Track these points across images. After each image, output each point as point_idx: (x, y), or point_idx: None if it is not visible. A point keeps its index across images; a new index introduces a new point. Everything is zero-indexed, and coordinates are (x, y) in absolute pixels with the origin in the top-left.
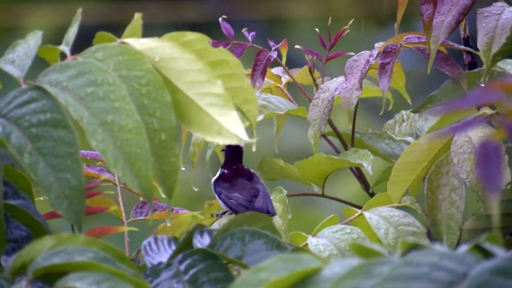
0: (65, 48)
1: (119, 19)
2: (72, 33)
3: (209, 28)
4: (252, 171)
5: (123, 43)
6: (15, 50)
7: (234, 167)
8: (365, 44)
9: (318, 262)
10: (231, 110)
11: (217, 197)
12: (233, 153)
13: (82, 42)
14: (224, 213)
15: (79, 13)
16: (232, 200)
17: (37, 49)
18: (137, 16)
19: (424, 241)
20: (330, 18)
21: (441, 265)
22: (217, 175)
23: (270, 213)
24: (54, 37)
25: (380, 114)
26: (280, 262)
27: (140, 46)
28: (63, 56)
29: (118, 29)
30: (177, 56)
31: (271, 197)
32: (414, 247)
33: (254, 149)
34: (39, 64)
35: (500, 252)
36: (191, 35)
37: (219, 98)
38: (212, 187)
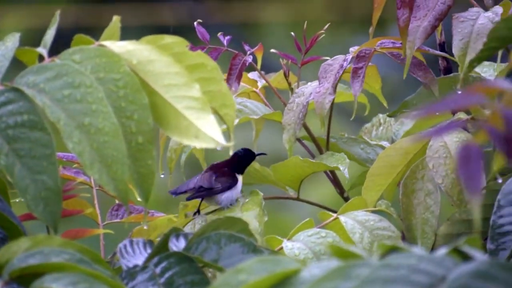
0: (42, 50)
1: (93, 22)
2: (50, 35)
3: (183, 32)
4: (234, 178)
5: (101, 45)
6: None
7: (228, 165)
8: (339, 49)
9: (296, 264)
10: (208, 114)
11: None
12: (243, 160)
13: (56, 45)
14: (198, 212)
15: (57, 16)
16: (186, 185)
17: (14, 51)
18: (115, 19)
19: (401, 245)
20: (306, 22)
21: (419, 267)
22: (219, 162)
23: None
24: (28, 39)
25: (351, 119)
26: (259, 264)
27: (118, 49)
28: (41, 58)
29: (92, 32)
30: (155, 59)
31: (247, 200)
32: (392, 249)
33: (231, 152)
34: (18, 66)
35: (479, 255)
36: (169, 38)
37: (197, 102)
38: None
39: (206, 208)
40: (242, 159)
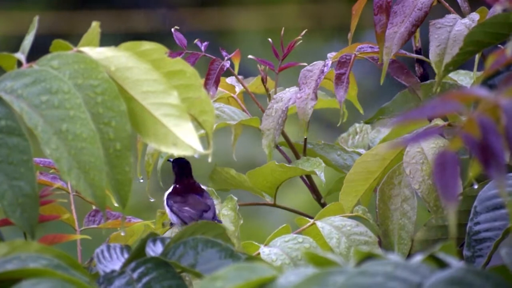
0: (20, 56)
1: (68, 28)
2: (28, 41)
3: (157, 38)
4: (203, 187)
5: (79, 51)
6: None
7: (186, 182)
8: (312, 56)
9: (273, 271)
10: (186, 121)
11: (168, 209)
12: (181, 168)
13: (31, 51)
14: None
15: (36, 21)
16: (183, 213)
17: None
18: (95, 24)
19: (378, 250)
20: (283, 28)
21: (395, 275)
22: (170, 189)
23: (216, 220)
24: (4, 45)
25: (338, 125)
26: (235, 271)
27: (97, 55)
28: (19, 64)
29: (67, 39)
30: (133, 65)
31: (223, 205)
32: (368, 256)
33: (210, 159)
34: None
35: (454, 262)
36: (147, 45)
37: (175, 109)
38: (164, 201)
39: None
40: (183, 166)
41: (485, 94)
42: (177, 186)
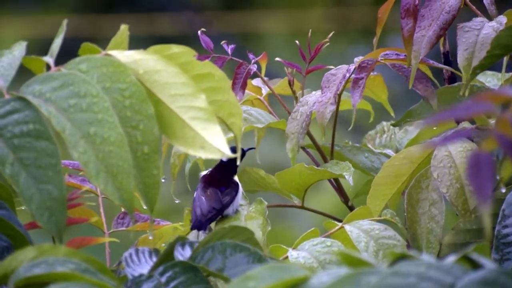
0: (49, 59)
1: (94, 32)
2: (56, 44)
3: (183, 42)
4: (233, 183)
5: (108, 55)
6: (0, 60)
7: (220, 172)
8: (337, 59)
9: (305, 272)
10: (214, 124)
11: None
12: (232, 161)
13: (56, 55)
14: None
15: (64, 25)
16: (195, 203)
17: (21, 59)
18: (123, 28)
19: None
20: (310, 30)
21: (428, 275)
22: (207, 171)
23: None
24: (29, 48)
25: (349, 128)
26: (267, 271)
27: (125, 58)
28: (48, 67)
29: (92, 42)
30: (161, 69)
31: (251, 208)
32: (401, 257)
33: (238, 162)
34: (25, 74)
35: (487, 263)
36: (176, 48)
37: (203, 112)
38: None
39: None
40: (230, 161)
41: None
42: (213, 170)
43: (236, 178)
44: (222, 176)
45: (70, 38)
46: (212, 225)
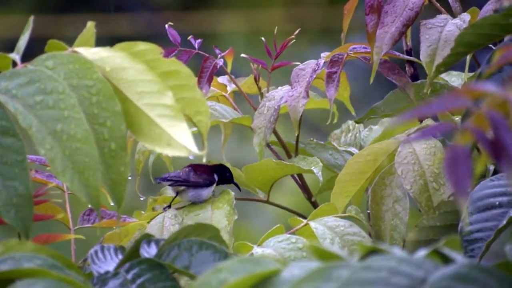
0: (15, 56)
1: (52, 31)
2: (23, 41)
3: (142, 41)
4: (212, 178)
5: (74, 52)
6: None
7: (203, 166)
8: (296, 59)
9: (277, 265)
10: (181, 122)
11: (174, 176)
12: (224, 174)
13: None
14: (169, 206)
15: (31, 22)
16: (175, 174)
17: None
18: (90, 25)
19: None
20: (276, 28)
21: (400, 270)
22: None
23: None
24: None
25: (327, 123)
26: (239, 264)
27: (91, 56)
28: (14, 64)
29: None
30: (128, 66)
31: (218, 198)
32: (372, 251)
33: (204, 160)
34: None
35: (459, 258)
36: (142, 45)
37: (170, 109)
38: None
39: (176, 203)
40: (224, 173)
41: (494, 90)
42: (194, 164)
43: (215, 179)
44: (207, 169)
45: (29, 38)
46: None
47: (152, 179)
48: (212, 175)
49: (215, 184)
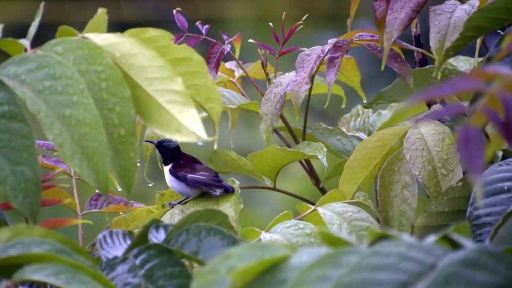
0: (25, 41)
1: (59, 18)
2: (34, 27)
3: (150, 27)
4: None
5: (84, 38)
6: None
7: (184, 157)
8: (302, 45)
9: (286, 251)
10: (190, 108)
11: (177, 182)
12: (167, 151)
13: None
14: (179, 202)
15: (41, 8)
16: (202, 177)
17: None
18: (101, 11)
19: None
20: (284, 13)
21: (409, 255)
22: (170, 166)
23: (230, 190)
24: None
25: (324, 106)
26: (248, 250)
27: (101, 41)
28: (25, 50)
29: (56, 28)
30: (138, 52)
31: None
32: (382, 237)
33: (215, 146)
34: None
35: (468, 243)
36: (153, 32)
37: (179, 95)
38: (170, 175)
39: (179, 197)
40: (174, 150)
41: (506, 72)
42: (180, 161)
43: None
44: (190, 159)
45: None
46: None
47: (160, 165)
48: (203, 164)
49: None
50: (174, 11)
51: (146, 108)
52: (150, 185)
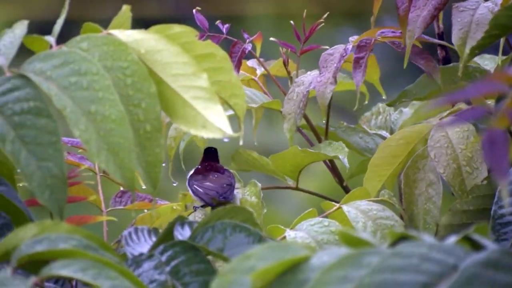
0: (50, 38)
1: (80, 14)
2: (59, 24)
3: (170, 23)
4: (225, 168)
5: (109, 34)
6: (2, 39)
7: (207, 164)
8: (322, 42)
9: (306, 251)
10: (216, 104)
11: (189, 190)
12: (209, 154)
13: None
14: (202, 206)
15: (67, 5)
16: (202, 190)
17: (22, 38)
18: (125, 8)
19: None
20: (305, 11)
21: (430, 256)
22: (192, 171)
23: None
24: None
25: (354, 109)
26: (268, 250)
27: (126, 38)
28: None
29: (78, 24)
30: (163, 48)
31: (246, 190)
32: (402, 237)
33: (241, 142)
34: (26, 54)
35: (489, 244)
36: (177, 28)
37: (204, 92)
38: (187, 181)
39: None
40: (215, 153)
41: None
42: (199, 167)
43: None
44: (209, 167)
45: (56, 20)
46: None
47: (183, 165)
48: (225, 168)
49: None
50: (194, 10)
51: (171, 104)
52: (175, 184)
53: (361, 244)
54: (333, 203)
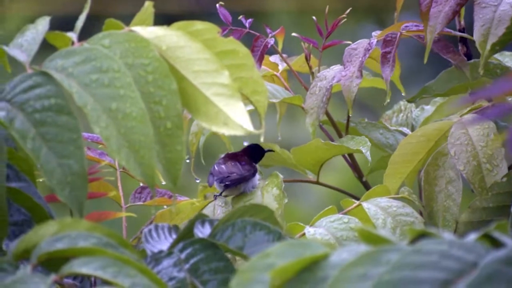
0: (72, 34)
1: (101, 10)
2: (81, 20)
3: (190, 19)
4: (252, 163)
5: (131, 31)
6: (24, 34)
7: (237, 153)
8: (344, 37)
9: (325, 248)
10: (237, 101)
11: (229, 173)
12: (248, 148)
13: (63, 30)
14: (220, 194)
15: (89, 2)
16: (215, 169)
17: (44, 34)
18: (148, 4)
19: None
20: (328, 6)
21: (450, 253)
22: (225, 154)
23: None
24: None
25: (384, 104)
26: (287, 248)
27: (148, 34)
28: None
29: (98, 20)
30: (184, 45)
31: (267, 182)
32: (422, 234)
33: (262, 139)
34: (49, 50)
35: (509, 241)
36: (199, 25)
37: (226, 88)
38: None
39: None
40: (256, 151)
41: None
42: (231, 153)
43: (257, 166)
44: (244, 157)
45: (77, 16)
46: (229, 199)
47: (203, 160)
48: (250, 160)
49: (257, 171)
50: (217, 5)
51: (193, 101)
52: (198, 181)
53: (381, 241)
54: (353, 200)
